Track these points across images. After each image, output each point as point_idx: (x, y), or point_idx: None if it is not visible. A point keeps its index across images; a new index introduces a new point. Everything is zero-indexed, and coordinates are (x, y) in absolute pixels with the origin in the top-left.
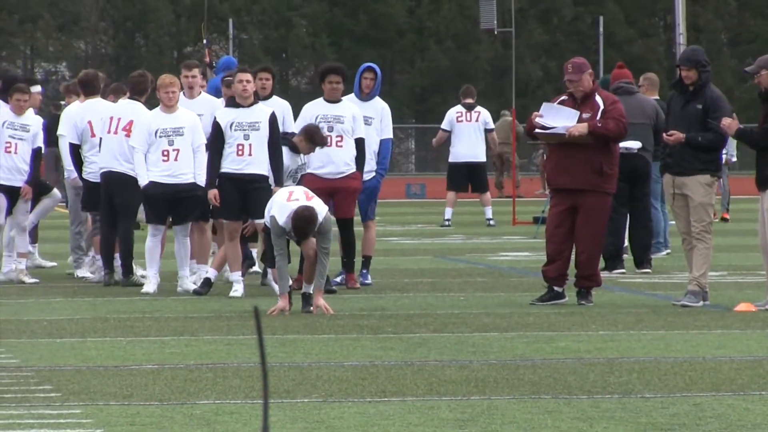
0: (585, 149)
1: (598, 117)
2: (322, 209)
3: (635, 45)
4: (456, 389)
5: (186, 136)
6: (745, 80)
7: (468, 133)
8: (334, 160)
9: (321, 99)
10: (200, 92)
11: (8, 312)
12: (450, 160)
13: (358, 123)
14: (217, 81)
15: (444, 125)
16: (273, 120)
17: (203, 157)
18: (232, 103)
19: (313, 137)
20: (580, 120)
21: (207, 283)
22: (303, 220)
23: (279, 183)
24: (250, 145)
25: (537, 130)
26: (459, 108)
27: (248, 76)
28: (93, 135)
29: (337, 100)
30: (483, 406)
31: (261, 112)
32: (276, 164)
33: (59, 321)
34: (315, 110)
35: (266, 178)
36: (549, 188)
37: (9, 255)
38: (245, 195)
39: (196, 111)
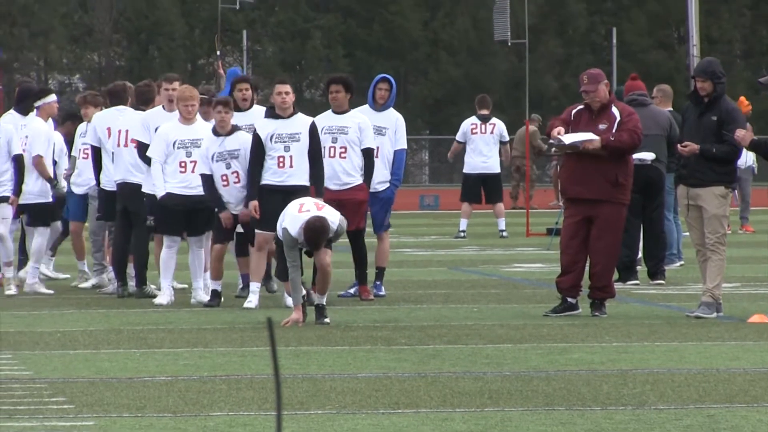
0: (600, 160)
1: (614, 129)
2: (334, 217)
3: (650, 55)
4: (470, 401)
5: (203, 148)
6: (757, 92)
7: (482, 145)
8: (336, 172)
9: (329, 111)
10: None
11: (22, 324)
12: (464, 171)
13: (365, 133)
14: (226, 93)
15: (458, 136)
16: (313, 130)
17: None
18: (271, 114)
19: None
20: (596, 132)
21: (216, 294)
22: (315, 230)
23: (319, 194)
24: (290, 156)
25: (551, 141)
26: (474, 119)
27: (287, 88)
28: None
29: (343, 111)
30: (497, 417)
31: (301, 122)
32: (316, 174)
33: (72, 332)
34: (321, 122)
35: (307, 188)
36: (563, 198)
37: (35, 266)
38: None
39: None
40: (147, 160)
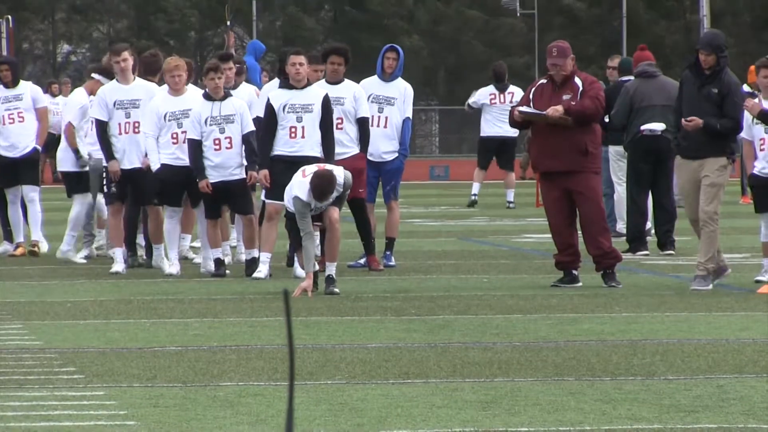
0: (568, 131)
1: (578, 98)
2: (339, 171)
3: (657, 27)
4: (479, 371)
5: (195, 112)
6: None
7: (500, 114)
8: None
9: (322, 81)
10: (134, 78)
11: (32, 294)
12: (481, 134)
13: (360, 103)
14: (250, 62)
15: (474, 101)
16: (326, 102)
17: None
18: (285, 84)
19: None
20: (560, 103)
21: (219, 263)
22: (322, 177)
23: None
24: (303, 127)
25: (517, 110)
26: (492, 89)
27: (301, 59)
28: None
29: (338, 81)
30: (506, 388)
31: (314, 94)
32: (327, 145)
33: (83, 303)
34: None
35: (318, 159)
36: (535, 172)
37: (72, 234)
38: None
39: (131, 97)
40: (101, 135)
